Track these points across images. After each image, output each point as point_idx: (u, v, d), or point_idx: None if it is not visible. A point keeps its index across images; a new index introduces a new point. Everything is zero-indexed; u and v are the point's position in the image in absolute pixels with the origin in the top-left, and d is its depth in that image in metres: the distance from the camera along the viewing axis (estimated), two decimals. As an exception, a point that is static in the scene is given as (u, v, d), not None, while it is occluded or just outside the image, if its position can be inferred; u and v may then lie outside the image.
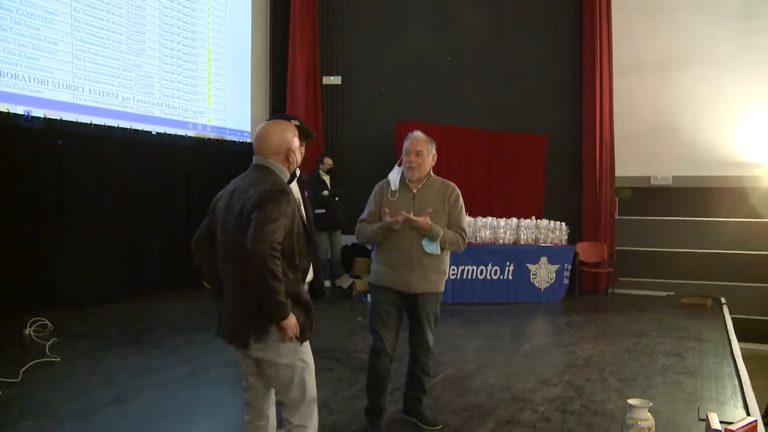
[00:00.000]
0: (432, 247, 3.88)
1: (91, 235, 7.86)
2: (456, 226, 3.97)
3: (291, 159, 2.86)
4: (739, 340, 6.99)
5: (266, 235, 2.57)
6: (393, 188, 3.97)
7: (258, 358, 2.78)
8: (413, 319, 4.03)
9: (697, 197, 9.81)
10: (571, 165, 10.42)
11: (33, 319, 6.25)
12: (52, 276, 7.40)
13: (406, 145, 3.99)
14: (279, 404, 2.88)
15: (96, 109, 7.97)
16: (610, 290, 9.82)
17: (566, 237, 9.44)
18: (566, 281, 9.32)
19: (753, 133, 9.50)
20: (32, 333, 6.09)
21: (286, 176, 2.85)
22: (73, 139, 7.62)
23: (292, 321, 2.69)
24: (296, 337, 2.73)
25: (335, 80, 11.23)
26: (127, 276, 8.36)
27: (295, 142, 2.87)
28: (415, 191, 3.97)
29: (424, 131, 4.10)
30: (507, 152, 10.43)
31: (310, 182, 9.70)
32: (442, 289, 4.06)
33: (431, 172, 4.06)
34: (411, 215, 3.78)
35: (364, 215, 4.05)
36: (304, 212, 2.99)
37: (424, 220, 3.78)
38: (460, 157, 10.22)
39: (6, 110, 6.94)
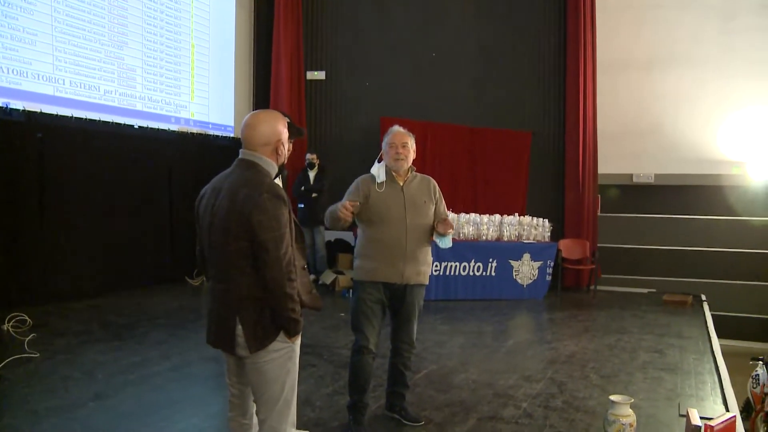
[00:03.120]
0: (445, 241, 3.98)
1: (72, 229, 7.78)
2: (443, 216, 4.07)
3: (280, 152, 2.73)
4: (718, 336, 7.08)
5: (281, 260, 2.55)
6: (379, 181, 3.96)
7: (242, 356, 2.69)
8: (400, 313, 4.03)
9: (678, 195, 9.91)
10: (554, 162, 10.48)
11: (11, 315, 6.17)
12: (31, 271, 7.31)
13: (388, 139, 4.00)
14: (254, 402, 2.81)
15: (77, 102, 7.87)
16: (592, 287, 9.87)
17: (549, 234, 9.48)
18: (549, 278, 9.36)
19: (733, 132, 9.61)
20: (10, 328, 6.02)
21: (274, 170, 2.72)
22: (54, 133, 7.53)
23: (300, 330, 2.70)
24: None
25: (319, 75, 11.20)
26: (109, 271, 8.28)
27: (285, 133, 2.75)
28: (402, 184, 3.99)
29: (407, 126, 4.13)
30: (490, 148, 10.47)
31: (296, 177, 9.71)
32: (428, 281, 4.10)
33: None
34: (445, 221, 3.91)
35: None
36: None
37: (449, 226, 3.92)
38: (444, 153, 10.24)
39: (-16, 102, 6.85)
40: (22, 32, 7.20)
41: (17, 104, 7.17)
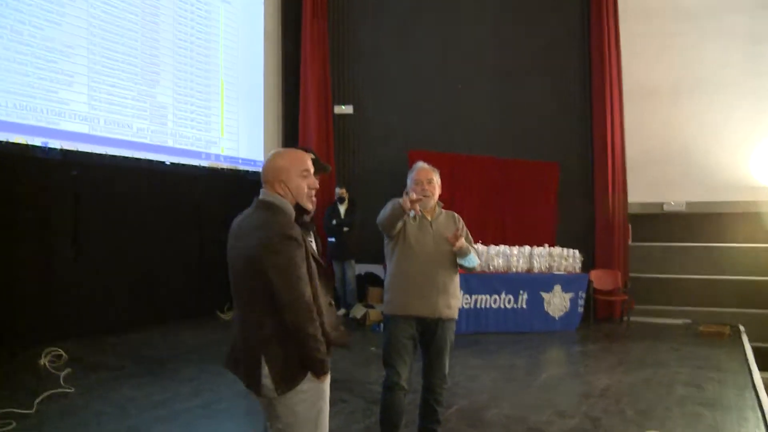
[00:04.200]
0: (469, 260, 3.99)
1: (106, 265, 7.90)
2: (470, 246, 4.09)
3: (292, 187, 2.71)
4: (759, 369, 6.87)
5: (297, 302, 2.53)
6: (411, 214, 3.98)
7: (271, 397, 2.65)
8: (432, 348, 4.02)
9: (711, 223, 9.75)
10: (583, 192, 10.39)
11: (48, 350, 6.27)
12: (67, 306, 7.42)
13: (413, 176, 4.05)
14: None
15: (111, 139, 8.05)
16: (625, 318, 9.71)
17: (580, 264, 9.38)
18: (581, 309, 9.24)
19: (766, 157, 9.45)
20: (47, 363, 6.10)
21: (289, 207, 2.69)
22: (88, 170, 7.70)
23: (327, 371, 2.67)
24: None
25: (347, 109, 11.30)
26: (141, 306, 8.37)
27: (297, 169, 2.73)
28: (430, 219, 4.03)
29: (435, 159, 4.17)
30: (518, 180, 10.42)
31: (326, 211, 9.77)
32: (457, 316, 4.11)
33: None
34: (455, 236, 3.88)
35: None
36: (314, 246, 2.94)
37: (460, 241, 3.90)
38: (472, 185, 10.23)
39: (24, 142, 7.03)
40: (61, 74, 7.42)
41: (55, 143, 7.36)
